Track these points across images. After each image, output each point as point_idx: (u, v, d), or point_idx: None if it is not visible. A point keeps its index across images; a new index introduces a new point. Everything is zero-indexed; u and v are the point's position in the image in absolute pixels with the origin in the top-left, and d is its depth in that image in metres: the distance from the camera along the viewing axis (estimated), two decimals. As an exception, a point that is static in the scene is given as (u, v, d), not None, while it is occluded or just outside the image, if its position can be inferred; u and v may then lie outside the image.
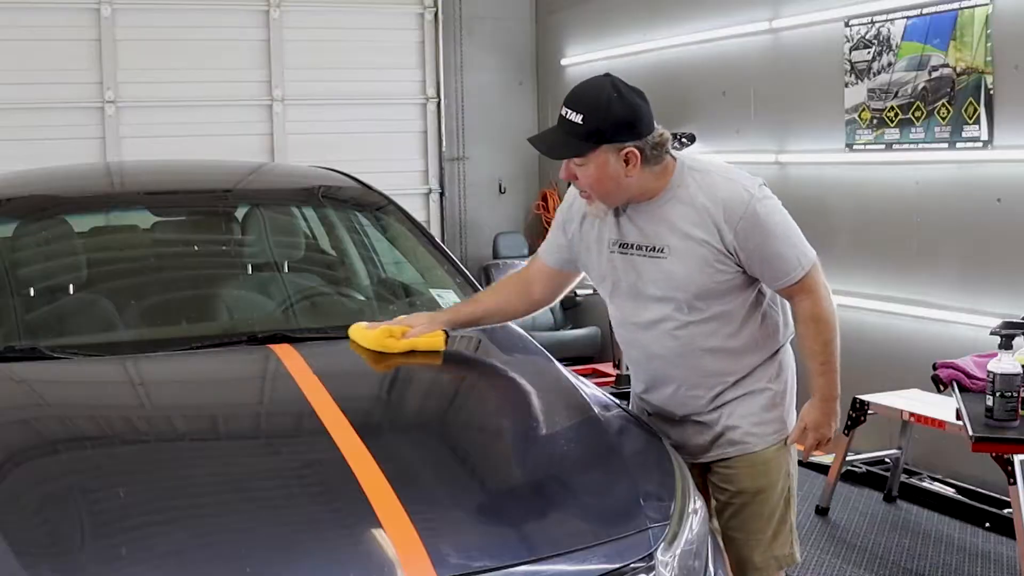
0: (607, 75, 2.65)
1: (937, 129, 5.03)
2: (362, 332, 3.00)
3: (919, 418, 4.70)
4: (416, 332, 2.96)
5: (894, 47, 5.22)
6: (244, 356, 3.05)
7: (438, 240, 4.06)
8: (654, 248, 2.69)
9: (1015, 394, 3.48)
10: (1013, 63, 4.68)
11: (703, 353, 2.73)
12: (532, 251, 8.32)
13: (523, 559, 2.13)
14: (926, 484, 5.12)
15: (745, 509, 2.79)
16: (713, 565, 2.42)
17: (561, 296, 3.05)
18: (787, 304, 2.79)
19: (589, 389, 2.93)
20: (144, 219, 3.87)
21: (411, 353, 2.98)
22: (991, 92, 4.74)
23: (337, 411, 2.53)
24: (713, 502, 2.84)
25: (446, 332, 3.01)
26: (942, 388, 4.07)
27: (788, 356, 2.85)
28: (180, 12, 7.52)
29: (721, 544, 2.64)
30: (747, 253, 2.63)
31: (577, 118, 2.57)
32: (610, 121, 2.57)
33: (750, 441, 2.76)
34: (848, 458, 5.03)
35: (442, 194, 8.41)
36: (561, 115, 2.61)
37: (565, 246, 2.91)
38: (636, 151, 2.59)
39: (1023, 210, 4.73)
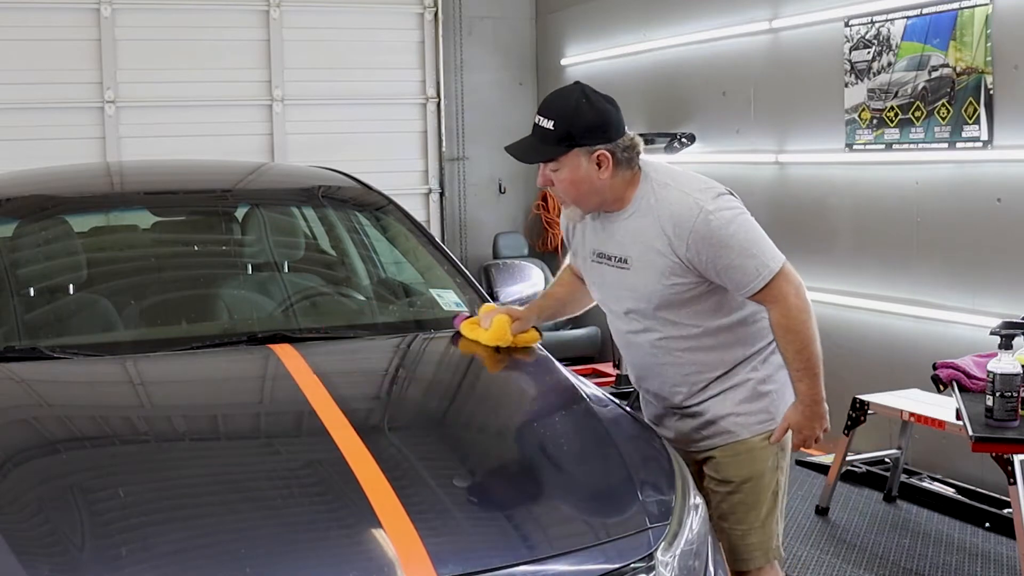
0: (577, 83, 2.77)
1: (937, 129, 5.02)
2: (476, 330, 3.10)
3: (919, 418, 4.69)
4: (517, 328, 3.07)
5: (894, 47, 5.22)
6: (244, 356, 3.05)
7: (438, 240, 4.06)
8: (619, 259, 2.81)
9: (1015, 394, 3.48)
10: (1013, 63, 4.68)
11: (679, 355, 2.82)
12: (532, 251, 8.37)
13: (523, 559, 2.13)
14: (926, 484, 5.12)
15: (733, 498, 2.84)
16: (713, 565, 2.42)
17: None
18: None
19: (589, 389, 2.93)
20: (144, 219, 3.87)
21: (411, 353, 2.97)
22: (991, 92, 4.74)
23: (337, 411, 2.53)
24: (708, 498, 2.85)
25: (537, 329, 3.16)
26: (942, 388, 4.07)
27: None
28: (180, 12, 7.52)
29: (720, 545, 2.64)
30: (703, 266, 2.69)
31: (548, 124, 2.69)
32: (580, 125, 2.67)
33: (734, 430, 2.83)
34: (848, 458, 5.02)
35: (442, 194, 8.41)
36: (535, 123, 2.73)
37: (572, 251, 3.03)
38: (608, 154, 2.70)
39: (1023, 210, 4.72)
